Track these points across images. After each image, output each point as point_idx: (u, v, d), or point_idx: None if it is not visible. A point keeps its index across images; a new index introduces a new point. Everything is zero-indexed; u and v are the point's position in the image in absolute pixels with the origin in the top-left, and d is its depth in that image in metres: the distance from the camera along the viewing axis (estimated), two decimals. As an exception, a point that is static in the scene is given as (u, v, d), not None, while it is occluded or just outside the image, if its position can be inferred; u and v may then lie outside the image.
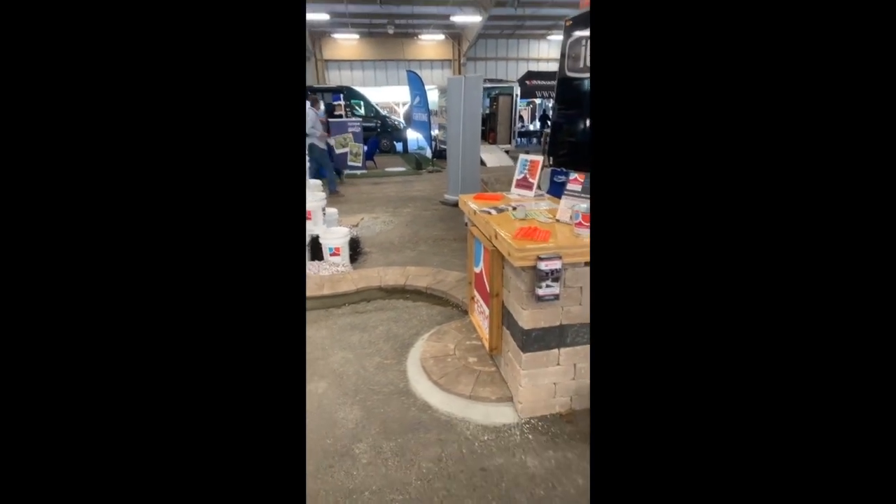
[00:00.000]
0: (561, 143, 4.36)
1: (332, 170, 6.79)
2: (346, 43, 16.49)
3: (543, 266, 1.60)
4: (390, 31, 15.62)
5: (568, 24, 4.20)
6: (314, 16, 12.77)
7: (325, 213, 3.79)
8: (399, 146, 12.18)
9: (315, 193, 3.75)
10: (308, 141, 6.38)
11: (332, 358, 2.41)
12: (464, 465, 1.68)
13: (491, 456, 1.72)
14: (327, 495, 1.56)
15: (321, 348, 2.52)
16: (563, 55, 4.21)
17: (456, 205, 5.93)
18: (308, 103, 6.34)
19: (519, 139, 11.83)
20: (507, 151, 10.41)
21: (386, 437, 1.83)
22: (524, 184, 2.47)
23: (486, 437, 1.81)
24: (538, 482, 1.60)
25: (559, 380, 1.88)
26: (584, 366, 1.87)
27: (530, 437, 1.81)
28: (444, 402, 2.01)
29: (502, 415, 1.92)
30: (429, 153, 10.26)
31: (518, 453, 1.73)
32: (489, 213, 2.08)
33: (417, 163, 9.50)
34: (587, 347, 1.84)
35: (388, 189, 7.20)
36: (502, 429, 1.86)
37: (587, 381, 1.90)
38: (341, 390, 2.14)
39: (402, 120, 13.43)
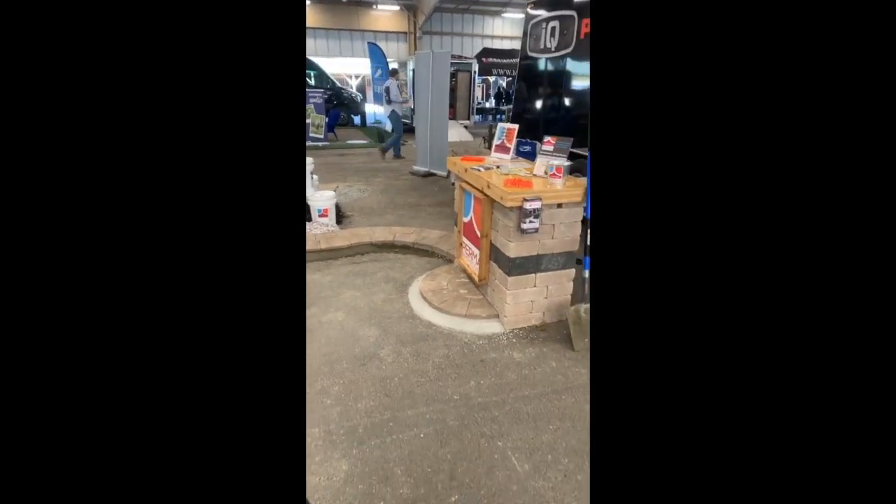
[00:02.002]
0: (522, 119, 4.84)
1: (402, 135, 7.50)
2: (297, 8, 15.78)
3: (528, 206, 2.12)
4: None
5: (530, 5, 4.61)
6: (263, -23, 12.13)
7: (312, 178, 4.06)
8: (357, 119, 12.12)
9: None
10: (391, 108, 7.15)
11: (343, 296, 2.82)
12: (467, 359, 2.20)
13: (486, 352, 2.26)
14: (365, 381, 2.02)
15: (331, 288, 2.91)
16: (525, 34, 4.64)
17: (425, 175, 6.34)
18: (389, 75, 7.00)
19: (478, 116, 12.26)
20: (465, 127, 10.85)
21: (402, 345, 2.31)
22: (502, 148, 2.96)
23: (481, 342, 2.35)
24: (524, 365, 2.16)
25: (535, 298, 2.44)
26: (554, 287, 2.44)
27: (514, 340, 2.37)
28: (444, 321, 2.52)
29: (492, 327, 2.46)
30: (388, 127, 10.44)
31: (507, 350, 2.28)
32: (479, 170, 2.56)
33: (380, 136, 9.67)
34: (558, 273, 2.41)
35: (355, 160, 7.41)
36: (493, 336, 2.40)
37: (557, 299, 2.48)
38: (357, 317, 2.57)
39: (357, 92, 13.28)
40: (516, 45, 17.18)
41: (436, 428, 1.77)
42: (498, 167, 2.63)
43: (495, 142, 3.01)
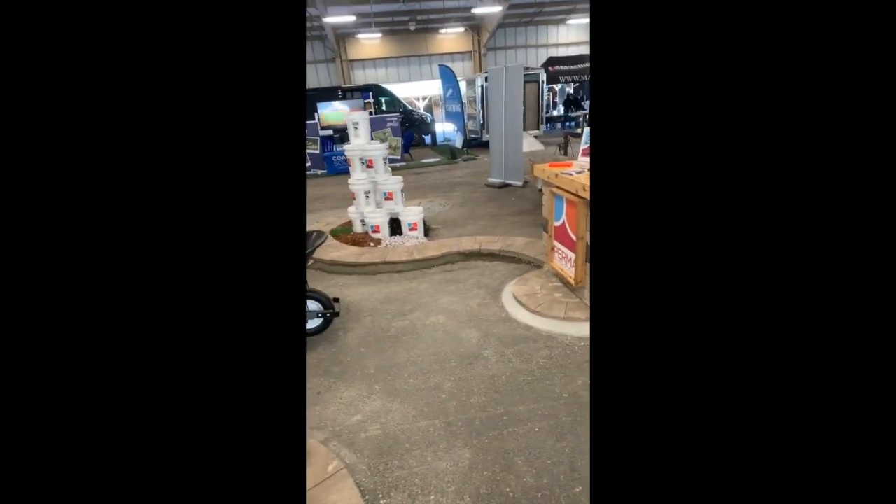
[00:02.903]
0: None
1: None
2: (369, 42, 17.08)
3: (628, 205, 2.12)
4: (412, 28, 16.12)
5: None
6: (340, 19, 13.38)
7: (402, 195, 4.38)
8: (427, 139, 12.68)
9: (393, 177, 4.34)
10: None
11: (441, 301, 2.99)
12: (570, 360, 2.23)
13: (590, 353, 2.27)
14: (474, 379, 2.14)
15: (429, 295, 3.11)
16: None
17: (501, 186, 6.45)
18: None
19: (546, 125, 12.18)
20: (536, 137, 10.83)
21: (504, 346, 2.39)
22: (589, 152, 2.97)
23: (582, 343, 2.36)
24: (631, 367, 2.13)
25: (636, 299, 2.40)
26: (656, 288, 2.38)
27: (617, 342, 2.35)
28: (542, 324, 2.56)
29: (592, 329, 2.46)
30: (459, 143, 10.79)
31: (610, 352, 2.27)
32: (570, 174, 2.61)
33: (452, 152, 10.01)
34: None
35: (432, 177, 7.75)
36: (594, 338, 2.40)
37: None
38: (457, 320, 2.72)
39: (426, 113, 13.95)
40: (583, 50, 16.88)
41: (549, 423, 1.82)
42: (590, 170, 2.65)
43: (582, 146, 3.03)
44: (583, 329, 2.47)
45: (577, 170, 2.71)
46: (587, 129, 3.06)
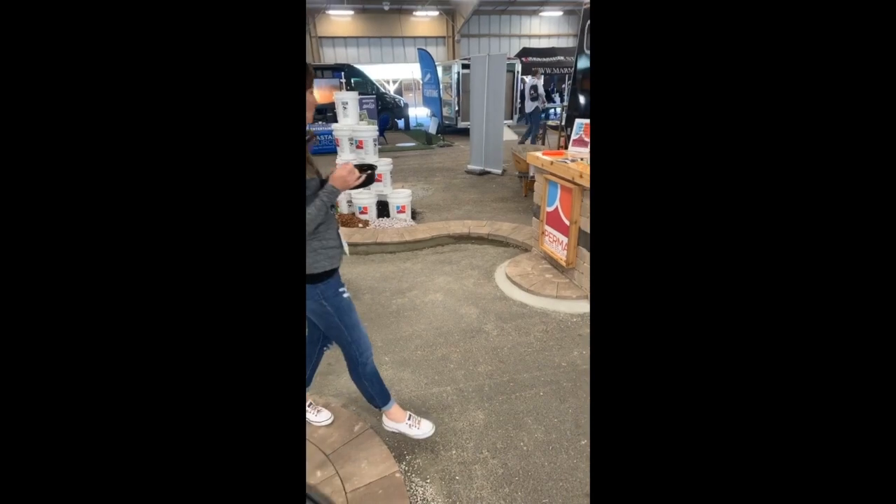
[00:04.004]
0: (584, 115, 4.93)
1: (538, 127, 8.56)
2: (341, 19, 16.50)
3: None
4: (385, 8, 15.73)
5: (586, 6, 4.77)
6: (311, -8, 12.84)
7: (390, 176, 4.40)
8: (401, 123, 12.53)
9: (382, 158, 4.35)
10: (534, 104, 8.25)
11: (437, 280, 3.10)
12: (565, 333, 2.42)
13: (582, 328, 2.47)
14: (479, 350, 2.28)
15: (424, 275, 3.20)
16: (582, 31, 4.81)
17: (481, 174, 6.59)
18: (530, 75, 8.21)
19: (518, 115, 12.39)
20: (509, 126, 11.01)
21: (503, 321, 2.55)
22: (580, 142, 3.15)
23: (575, 319, 2.56)
24: (619, 339, 2.36)
25: (623, 279, 2.62)
26: (640, 269, 2.62)
27: (605, 318, 2.57)
28: (536, 302, 2.74)
29: (583, 307, 2.67)
30: (433, 129, 10.76)
31: (600, 326, 2.48)
32: (566, 162, 2.77)
33: (427, 138, 9.99)
34: (643, 255, 2.58)
35: (410, 162, 7.75)
36: (585, 315, 2.60)
37: (641, 280, 2.64)
38: (455, 298, 2.84)
39: (398, 96, 13.75)
40: (554, 43, 17.23)
41: (552, 388, 2.00)
42: (582, 159, 2.83)
43: (573, 136, 3.20)
44: (574, 306, 2.67)
45: (571, 158, 2.88)
46: (578, 121, 3.23)
